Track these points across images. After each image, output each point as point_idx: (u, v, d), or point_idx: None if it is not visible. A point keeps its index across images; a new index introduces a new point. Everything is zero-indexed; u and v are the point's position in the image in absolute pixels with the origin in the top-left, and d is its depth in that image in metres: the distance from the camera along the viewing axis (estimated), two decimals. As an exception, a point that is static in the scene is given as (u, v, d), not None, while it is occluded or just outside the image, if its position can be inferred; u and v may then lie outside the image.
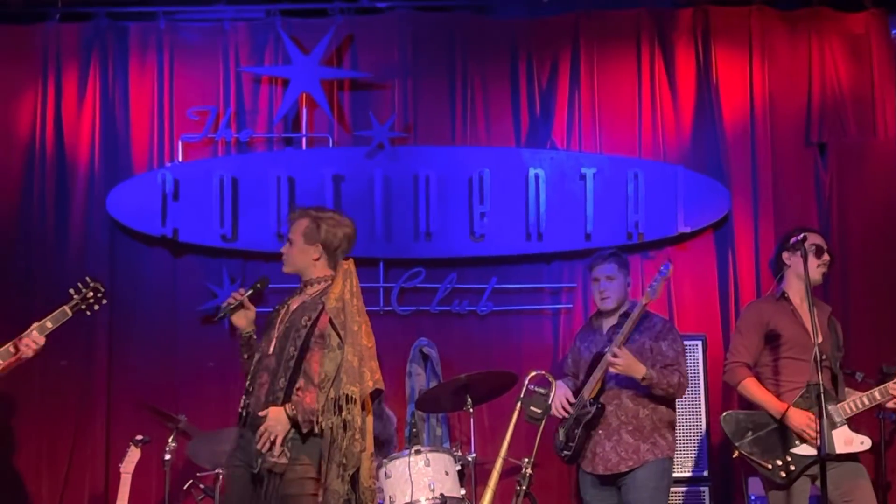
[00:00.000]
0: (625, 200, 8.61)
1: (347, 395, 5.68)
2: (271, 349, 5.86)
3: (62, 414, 8.47)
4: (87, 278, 6.21)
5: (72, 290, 6.12)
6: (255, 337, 5.98)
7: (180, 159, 8.71)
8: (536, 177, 8.62)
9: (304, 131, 8.79)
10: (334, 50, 8.81)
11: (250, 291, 6.01)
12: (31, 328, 6.00)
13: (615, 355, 6.55)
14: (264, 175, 8.63)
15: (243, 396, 5.89)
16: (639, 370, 6.57)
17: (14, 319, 8.16)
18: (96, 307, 6.20)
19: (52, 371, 8.19)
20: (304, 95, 8.75)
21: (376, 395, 5.94)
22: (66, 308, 6.07)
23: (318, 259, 5.98)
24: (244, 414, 5.85)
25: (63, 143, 8.73)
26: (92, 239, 8.65)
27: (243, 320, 6.00)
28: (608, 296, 6.86)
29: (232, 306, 5.95)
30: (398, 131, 8.74)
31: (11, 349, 5.96)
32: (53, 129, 8.72)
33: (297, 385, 5.75)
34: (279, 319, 5.94)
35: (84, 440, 8.46)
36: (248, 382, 5.90)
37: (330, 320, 5.74)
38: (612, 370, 6.61)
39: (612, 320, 6.89)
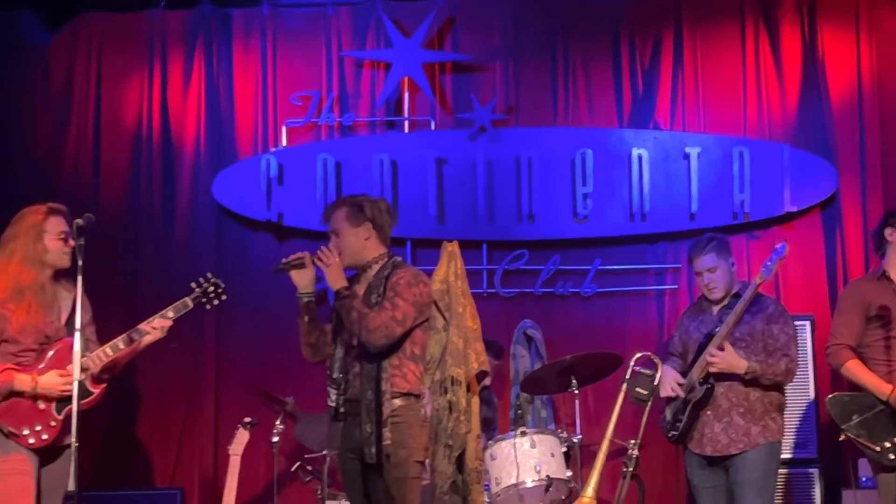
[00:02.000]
0: (730, 179, 8.52)
1: (452, 377, 5.69)
2: (355, 340, 5.81)
3: (172, 396, 8.60)
4: (209, 274, 6.24)
5: (193, 284, 6.17)
6: (314, 301, 5.93)
7: (284, 144, 8.78)
8: (640, 157, 8.56)
9: (406, 114, 8.82)
10: (436, 33, 8.82)
11: (310, 257, 5.99)
12: (153, 317, 6.08)
13: (712, 356, 6.47)
14: (367, 158, 8.67)
15: (333, 390, 5.88)
16: (739, 366, 6.46)
17: (122, 304, 8.33)
18: (216, 301, 6.23)
19: (162, 354, 8.25)
20: (406, 79, 8.78)
21: (481, 376, 5.94)
22: (187, 299, 6.12)
23: (368, 238, 5.89)
24: (341, 409, 5.86)
25: (169, 130, 8.85)
26: (198, 224, 8.76)
27: (304, 279, 5.91)
28: (714, 286, 6.73)
29: (292, 263, 5.91)
30: (500, 113, 8.74)
31: (128, 339, 6.03)
32: (160, 115, 8.84)
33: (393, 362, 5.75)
34: None
35: (193, 422, 8.58)
36: (335, 375, 5.88)
37: (434, 302, 5.73)
38: (711, 369, 6.52)
39: (724, 300, 6.79)
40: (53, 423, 5.79)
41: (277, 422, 7.63)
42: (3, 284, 5.84)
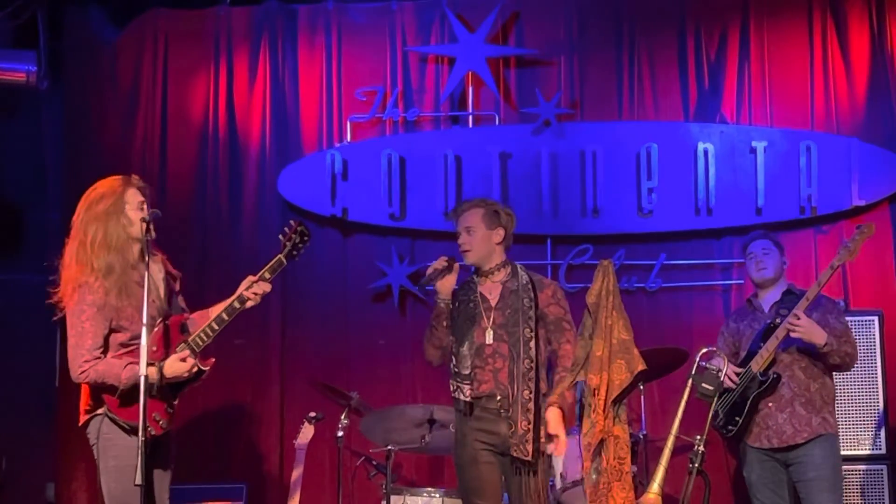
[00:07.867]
0: (797, 174, 8.45)
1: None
2: (490, 338, 5.88)
3: (238, 391, 8.64)
4: (292, 221, 5.94)
5: (281, 237, 5.89)
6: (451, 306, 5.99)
7: (349, 139, 8.80)
8: (705, 151, 8.51)
9: (470, 109, 8.82)
10: (500, 27, 8.81)
11: (453, 259, 5.99)
12: (247, 280, 5.80)
13: (797, 318, 6.48)
14: (432, 153, 8.68)
15: (459, 383, 5.90)
16: (820, 335, 6.50)
17: (189, 298, 8.33)
18: (303, 249, 5.89)
19: (227, 350, 8.31)
20: (471, 74, 8.77)
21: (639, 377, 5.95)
22: (281, 257, 5.84)
23: (500, 243, 6.00)
24: (470, 403, 5.88)
25: (235, 126, 8.90)
26: (264, 219, 8.79)
27: (448, 284, 5.98)
28: (765, 266, 6.82)
29: (441, 270, 5.94)
30: (565, 108, 8.71)
31: (231, 309, 5.86)
32: (226, 111, 8.89)
33: (558, 374, 5.86)
34: (480, 309, 5.94)
35: (259, 418, 8.62)
36: (464, 372, 5.88)
37: (588, 309, 5.79)
38: (792, 334, 6.53)
39: (774, 296, 6.84)
40: (170, 410, 5.72)
41: (342, 417, 7.65)
42: (93, 267, 5.53)
